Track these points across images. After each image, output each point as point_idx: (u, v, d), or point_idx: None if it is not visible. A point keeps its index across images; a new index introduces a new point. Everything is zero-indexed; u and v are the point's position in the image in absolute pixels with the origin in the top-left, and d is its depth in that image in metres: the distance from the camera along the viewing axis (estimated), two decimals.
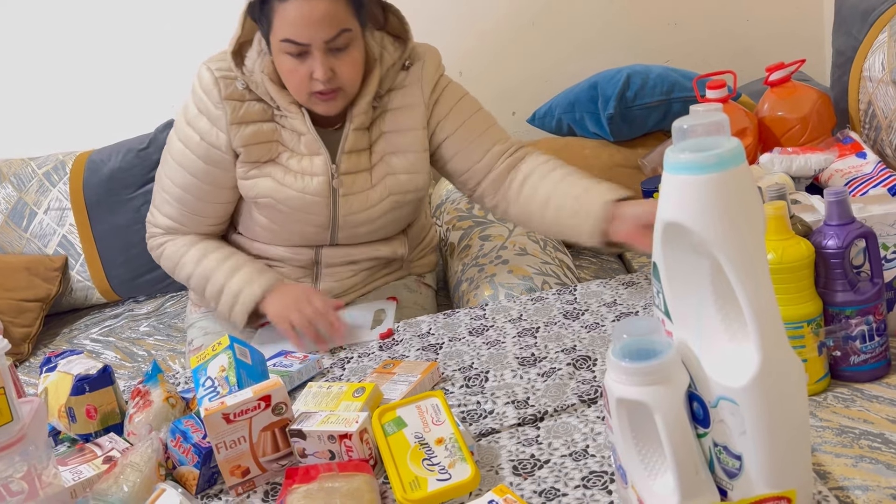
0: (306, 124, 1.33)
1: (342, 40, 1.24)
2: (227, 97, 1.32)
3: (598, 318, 1.21)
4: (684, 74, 1.95)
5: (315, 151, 1.35)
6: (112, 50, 2.19)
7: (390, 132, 1.38)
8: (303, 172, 1.35)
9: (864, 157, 1.53)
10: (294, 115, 1.33)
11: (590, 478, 0.87)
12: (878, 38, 1.62)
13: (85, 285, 2.03)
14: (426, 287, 1.59)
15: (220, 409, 0.94)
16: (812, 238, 0.98)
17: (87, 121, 2.22)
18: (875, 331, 0.96)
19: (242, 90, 1.32)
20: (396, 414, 0.95)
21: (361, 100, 1.34)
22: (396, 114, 1.38)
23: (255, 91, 1.33)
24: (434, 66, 1.41)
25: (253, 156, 1.35)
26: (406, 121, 1.37)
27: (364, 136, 1.37)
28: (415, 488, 0.85)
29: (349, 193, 1.37)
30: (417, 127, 1.38)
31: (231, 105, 1.32)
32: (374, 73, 1.34)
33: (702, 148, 0.65)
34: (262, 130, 1.34)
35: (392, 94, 1.38)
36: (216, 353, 1.10)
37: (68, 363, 1.18)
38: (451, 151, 1.42)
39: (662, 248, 0.70)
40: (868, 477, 0.83)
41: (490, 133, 1.42)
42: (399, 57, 1.37)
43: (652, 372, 0.68)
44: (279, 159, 1.36)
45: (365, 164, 1.39)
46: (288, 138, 1.35)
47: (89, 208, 2.01)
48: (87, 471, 0.99)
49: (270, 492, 0.96)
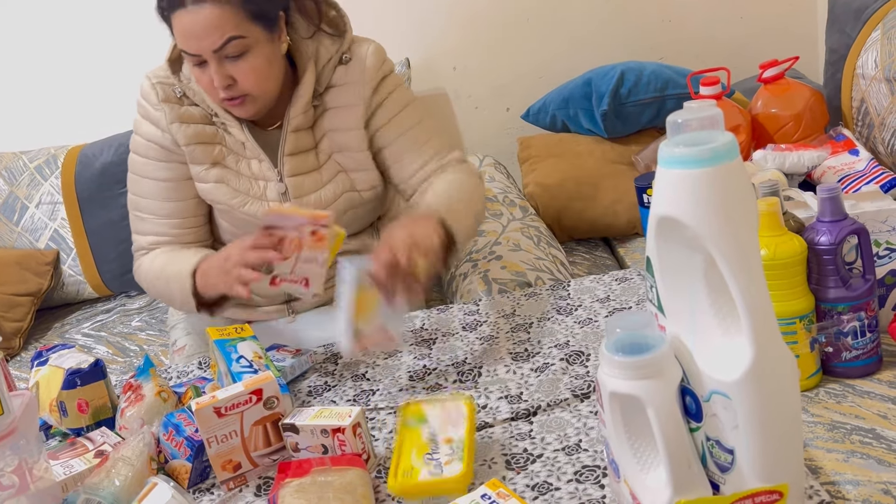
0: (244, 132, 1.32)
1: (233, 48, 1.22)
2: (164, 100, 1.32)
3: (592, 314, 1.21)
4: (678, 71, 1.96)
5: (257, 156, 1.34)
6: (104, 44, 2.18)
7: (333, 131, 1.35)
8: (254, 177, 1.34)
9: (857, 155, 1.54)
10: (230, 123, 1.32)
11: (582, 472, 0.87)
12: (871, 36, 1.63)
13: (76, 280, 2.02)
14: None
15: (211, 402, 0.93)
16: (805, 234, 0.98)
17: (79, 115, 2.21)
18: (867, 327, 0.97)
19: (180, 96, 1.33)
20: (423, 410, 0.95)
21: (298, 101, 1.31)
22: (338, 112, 1.35)
23: (192, 98, 1.33)
24: (375, 65, 1.35)
25: (198, 157, 1.33)
26: (347, 120, 1.34)
27: (308, 136, 1.35)
28: (406, 477, 0.86)
29: (300, 195, 1.35)
30: (358, 127, 1.35)
31: (169, 106, 1.32)
32: (309, 73, 1.31)
33: (696, 142, 0.65)
34: (204, 132, 1.33)
35: (332, 92, 1.34)
36: (242, 336, 1.10)
37: (60, 357, 1.18)
38: (388, 162, 1.39)
39: (656, 243, 0.70)
40: (859, 472, 0.83)
41: (427, 146, 1.38)
42: (336, 51, 1.34)
43: (645, 366, 0.69)
44: (226, 162, 1.34)
45: (312, 164, 1.36)
46: (232, 143, 1.34)
47: (81, 203, 2.00)
48: (79, 465, 0.99)
49: (263, 486, 0.96)
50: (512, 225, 1.68)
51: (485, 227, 1.68)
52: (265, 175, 1.34)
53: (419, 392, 1.10)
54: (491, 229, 1.66)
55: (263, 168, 1.33)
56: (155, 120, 1.34)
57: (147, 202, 1.38)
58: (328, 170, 1.36)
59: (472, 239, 1.38)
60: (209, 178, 1.34)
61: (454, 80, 2.26)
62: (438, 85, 2.26)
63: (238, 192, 1.34)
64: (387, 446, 0.99)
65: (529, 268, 1.49)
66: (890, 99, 1.53)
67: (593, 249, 1.85)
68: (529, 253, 1.55)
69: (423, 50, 2.21)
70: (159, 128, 1.34)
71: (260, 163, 1.34)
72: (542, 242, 1.62)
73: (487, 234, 1.65)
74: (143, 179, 1.38)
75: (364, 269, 1.08)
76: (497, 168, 2.08)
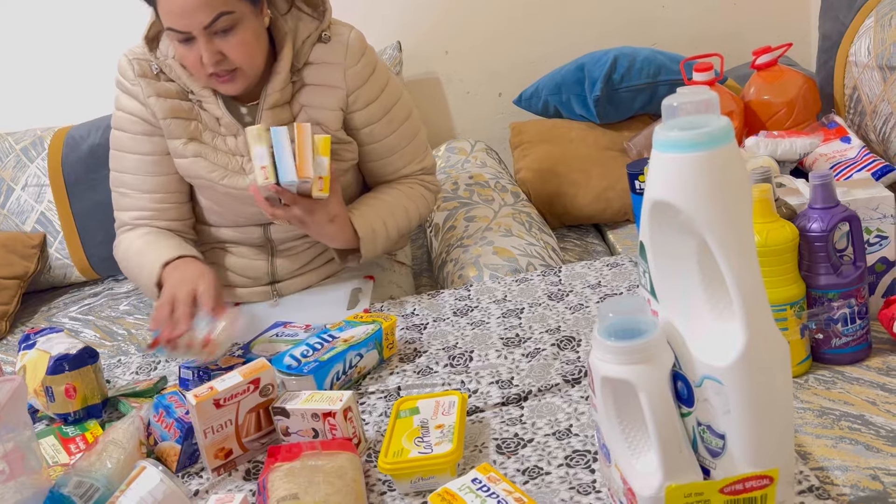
0: (220, 108, 1.33)
1: (223, 23, 1.22)
2: (140, 75, 1.34)
3: (583, 300, 1.21)
4: (671, 57, 1.95)
5: (234, 132, 1.35)
6: (91, 24, 2.14)
7: (309, 107, 1.35)
8: (231, 153, 1.35)
9: (849, 142, 1.54)
10: (207, 99, 1.33)
11: (573, 456, 0.87)
12: (864, 23, 1.62)
13: (64, 263, 2.00)
14: (399, 265, 1.58)
15: (210, 395, 0.93)
16: (796, 221, 0.98)
17: (65, 96, 2.18)
18: (857, 314, 0.97)
19: (157, 72, 1.34)
20: (416, 404, 0.95)
21: (275, 77, 1.31)
22: (315, 90, 1.35)
23: (168, 74, 1.34)
24: (359, 49, 1.36)
25: (175, 131, 1.34)
26: (325, 99, 1.35)
27: (285, 111, 1.35)
28: (396, 457, 0.86)
29: None
30: (335, 108, 1.35)
31: (145, 81, 1.34)
32: (286, 49, 1.32)
33: (691, 126, 0.64)
34: (181, 107, 1.34)
35: (310, 69, 1.34)
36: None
37: (48, 341, 1.17)
38: (371, 157, 1.43)
39: (650, 227, 0.69)
40: (848, 457, 0.84)
41: (408, 150, 1.44)
42: (316, 28, 1.34)
43: (637, 351, 0.68)
44: (203, 138, 1.35)
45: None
46: (207, 119, 1.35)
47: (68, 185, 1.98)
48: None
49: (252, 470, 0.96)
50: (503, 210, 1.67)
51: (476, 212, 1.68)
52: (242, 150, 1.35)
53: (409, 376, 1.10)
54: (482, 215, 1.66)
55: (240, 143, 1.35)
56: (134, 94, 1.36)
57: (129, 177, 1.40)
58: None
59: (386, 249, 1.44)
60: (187, 153, 1.35)
61: (446, 65, 2.24)
62: (430, 69, 2.25)
63: (216, 166, 1.34)
64: (377, 430, 0.99)
65: (521, 253, 1.48)
66: (882, 87, 1.53)
67: (584, 235, 1.85)
68: (521, 239, 1.54)
69: (415, 33, 2.19)
70: (138, 100, 1.36)
71: (236, 138, 1.35)
72: (533, 228, 1.61)
73: (479, 219, 1.64)
74: (125, 154, 1.39)
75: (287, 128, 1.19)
76: (489, 153, 2.07)
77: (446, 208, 1.75)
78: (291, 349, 1.08)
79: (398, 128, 1.41)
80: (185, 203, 1.43)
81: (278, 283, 1.45)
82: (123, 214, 1.42)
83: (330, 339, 1.10)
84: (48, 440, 1.07)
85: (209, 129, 1.35)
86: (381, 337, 1.12)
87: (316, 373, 1.04)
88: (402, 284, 1.55)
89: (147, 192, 1.39)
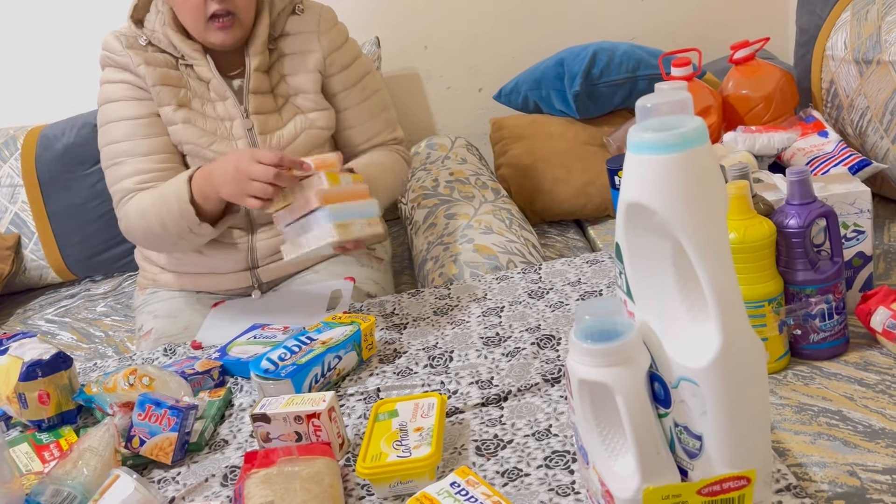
0: (211, 69, 1.39)
1: None
2: (128, 47, 1.40)
3: (563, 297, 1.21)
4: (650, 52, 1.94)
5: (223, 95, 1.40)
6: (65, 21, 2.11)
7: (289, 75, 1.44)
8: (220, 118, 1.41)
9: (826, 136, 1.54)
10: (199, 62, 1.39)
11: (552, 457, 0.87)
12: (841, 17, 1.63)
13: (39, 264, 1.98)
14: (378, 260, 1.58)
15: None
16: (774, 217, 0.98)
17: (39, 94, 2.15)
18: (834, 309, 0.97)
19: (145, 45, 1.40)
20: (395, 406, 0.94)
21: (256, 40, 1.40)
22: (293, 58, 1.44)
23: (157, 45, 1.40)
24: (331, 19, 1.47)
25: (165, 97, 1.39)
26: (302, 64, 1.43)
27: (265, 80, 1.42)
28: (374, 461, 0.85)
29: (265, 132, 1.41)
30: (313, 70, 1.43)
31: (134, 52, 1.39)
32: (264, 16, 1.41)
33: (665, 127, 0.64)
34: (169, 75, 1.40)
35: (286, 40, 1.44)
36: None
37: (20, 346, 1.15)
38: (345, 123, 1.50)
39: (625, 229, 0.69)
40: (826, 454, 0.84)
41: (381, 118, 1.52)
42: (290, 1, 1.44)
43: (613, 353, 0.68)
44: (192, 105, 1.40)
45: (272, 106, 1.43)
46: (196, 87, 1.41)
47: (42, 185, 1.95)
48: None
49: (230, 475, 0.95)
50: (484, 207, 1.66)
51: (456, 209, 1.67)
52: (230, 114, 1.41)
53: (389, 377, 1.09)
54: (463, 212, 1.65)
55: (228, 106, 1.41)
56: (123, 65, 1.40)
57: (124, 145, 1.42)
58: (287, 111, 1.44)
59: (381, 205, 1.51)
60: (177, 119, 1.40)
61: (425, 60, 2.23)
62: (409, 65, 2.23)
63: (205, 132, 1.39)
64: (356, 432, 0.98)
65: (501, 250, 1.48)
66: (859, 80, 1.54)
67: (565, 231, 1.84)
68: (501, 236, 1.54)
69: (394, 29, 2.18)
70: (128, 70, 1.40)
71: (225, 102, 1.41)
72: (514, 225, 1.61)
73: (459, 216, 1.64)
74: (117, 123, 1.42)
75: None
76: (469, 149, 2.06)
77: (426, 205, 1.74)
78: (269, 352, 1.07)
79: (371, 95, 1.50)
80: (182, 165, 1.45)
81: (258, 269, 1.45)
82: (124, 183, 1.41)
83: (308, 341, 1.09)
84: (21, 447, 1.05)
85: (198, 96, 1.41)
86: (359, 338, 1.11)
87: (294, 376, 1.03)
88: (380, 281, 1.54)
89: (144, 155, 1.40)
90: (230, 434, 1.04)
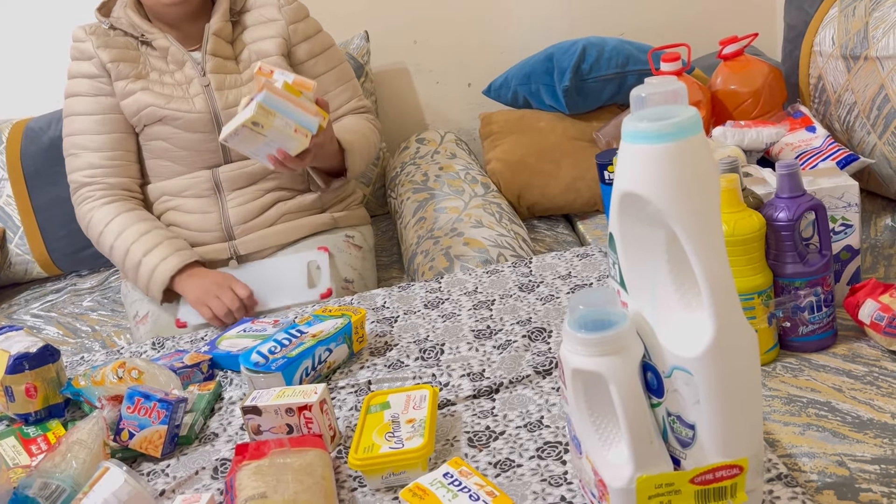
0: (169, 40, 1.49)
1: None
2: (91, 32, 1.51)
3: (553, 291, 1.21)
4: (639, 47, 1.95)
5: (180, 62, 1.50)
6: (51, 15, 2.09)
7: (253, 42, 1.52)
8: (176, 84, 1.49)
9: (814, 132, 1.55)
10: (156, 35, 1.49)
11: (544, 448, 0.87)
12: (829, 13, 1.64)
13: (24, 259, 1.96)
14: (356, 248, 1.58)
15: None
16: (763, 210, 0.99)
17: (23, 88, 2.12)
18: (823, 302, 0.98)
19: (107, 29, 1.51)
20: (387, 398, 0.94)
21: (218, 10, 1.50)
22: (256, 28, 1.53)
23: (119, 28, 1.50)
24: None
25: (123, 72, 1.49)
26: (265, 31, 1.52)
27: (227, 47, 1.52)
28: (367, 452, 0.85)
29: (222, 88, 1.49)
30: (276, 35, 1.52)
31: (96, 36, 1.50)
32: None
33: (659, 117, 0.64)
34: (128, 53, 1.50)
35: (248, 14, 1.54)
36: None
37: (7, 339, 1.14)
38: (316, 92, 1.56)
39: (619, 219, 0.69)
40: (815, 444, 0.85)
41: (349, 86, 1.60)
42: None
43: (607, 342, 0.68)
44: (150, 77, 1.50)
45: (233, 68, 1.52)
46: (155, 62, 1.51)
47: (27, 178, 1.93)
48: None
49: (220, 468, 0.94)
50: (474, 202, 1.66)
51: (446, 203, 1.67)
52: (188, 76, 1.49)
53: (380, 370, 1.09)
54: (453, 206, 1.65)
55: (187, 69, 1.49)
56: (84, 51, 1.51)
57: (80, 138, 1.53)
58: (248, 74, 1.52)
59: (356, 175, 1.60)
60: (135, 89, 1.48)
61: (415, 54, 2.23)
62: (398, 59, 2.23)
63: (162, 95, 1.48)
64: (348, 425, 0.98)
65: (491, 244, 1.48)
66: (846, 76, 1.55)
67: (554, 226, 1.85)
68: (491, 230, 1.54)
69: (383, 23, 2.17)
70: (88, 59, 1.50)
71: (183, 68, 1.50)
72: (503, 219, 1.61)
73: (449, 210, 1.63)
74: (77, 117, 1.53)
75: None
76: (458, 144, 2.06)
77: (416, 200, 1.74)
78: (259, 345, 1.07)
79: (337, 65, 1.59)
80: (134, 163, 1.55)
81: (234, 241, 1.52)
82: (75, 175, 1.54)
83: (298, 334, 1.09)
84: (8, 441, 1.04)
85: (155, 69, 1.51)
86: (350, 331, 1.11)
87: (284, 369, 1.02)
88: (358, 268, 1.55)
89: (97, 151, 1.51)
90: (220, 427, 1.03)
